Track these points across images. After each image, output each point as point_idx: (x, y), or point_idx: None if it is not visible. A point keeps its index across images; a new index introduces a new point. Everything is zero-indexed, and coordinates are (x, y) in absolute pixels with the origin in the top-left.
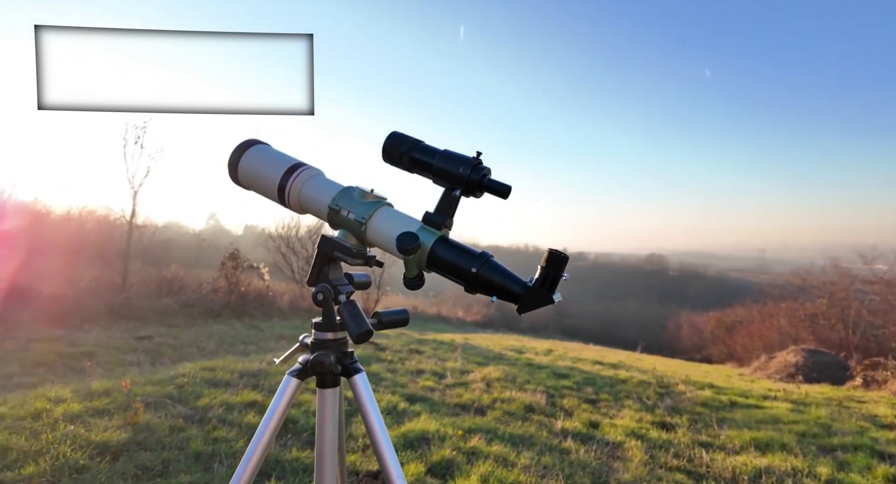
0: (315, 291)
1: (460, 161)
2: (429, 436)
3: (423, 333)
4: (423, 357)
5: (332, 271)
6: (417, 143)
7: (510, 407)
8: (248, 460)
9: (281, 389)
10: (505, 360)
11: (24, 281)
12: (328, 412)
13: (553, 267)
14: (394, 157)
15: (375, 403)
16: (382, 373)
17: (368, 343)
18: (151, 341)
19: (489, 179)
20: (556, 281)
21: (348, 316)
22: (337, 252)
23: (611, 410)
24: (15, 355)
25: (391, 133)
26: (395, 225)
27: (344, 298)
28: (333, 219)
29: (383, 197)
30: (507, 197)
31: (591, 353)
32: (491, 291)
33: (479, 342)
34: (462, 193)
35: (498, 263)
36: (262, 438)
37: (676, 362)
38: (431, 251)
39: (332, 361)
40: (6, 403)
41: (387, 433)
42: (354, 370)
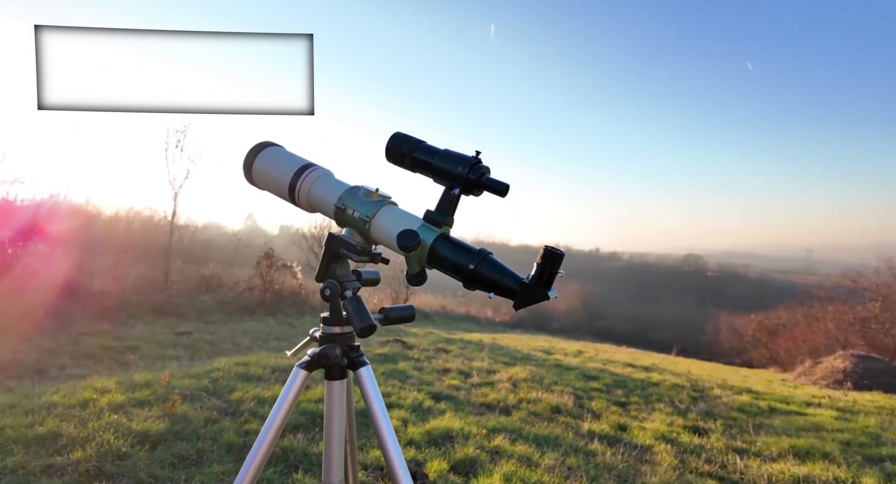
0: (322, 287)
1: (459, 160)
2: (453, 434)
3: (452, 333)
4: (450, 356)
5: (339, 268)
6: (419, 143)
7: (536, 408)
8: (259, 448)
9: (290, 380)
10: (533, 360)
11: (76, 278)
12: (336, 404)
13: (548, 264)
14: (396, 157)
15: (380, 395)
16: (409, 371)
17: (395, 341)
18: (190, 337)
19: (487, 178)
20: (551, 278)
21: (353, 311)
22: (343, 249)
23: (641, 413)
24: (67, 348)
25: (394, 134)
26: (397, 223)
27: (350, 294)
28: (340, 217)
29: (387, 196)
30: (505, 195)
31: (623, 355)
32: (488, 288)
33: (507, 342)
34: (461, 192)
35: (496, 259)
36: (272, 426)
37: (713, 366)
38: (432, 248)
39: (338, 354)
40: (58, 393)
41: (391, 425)
42: (360, 363)
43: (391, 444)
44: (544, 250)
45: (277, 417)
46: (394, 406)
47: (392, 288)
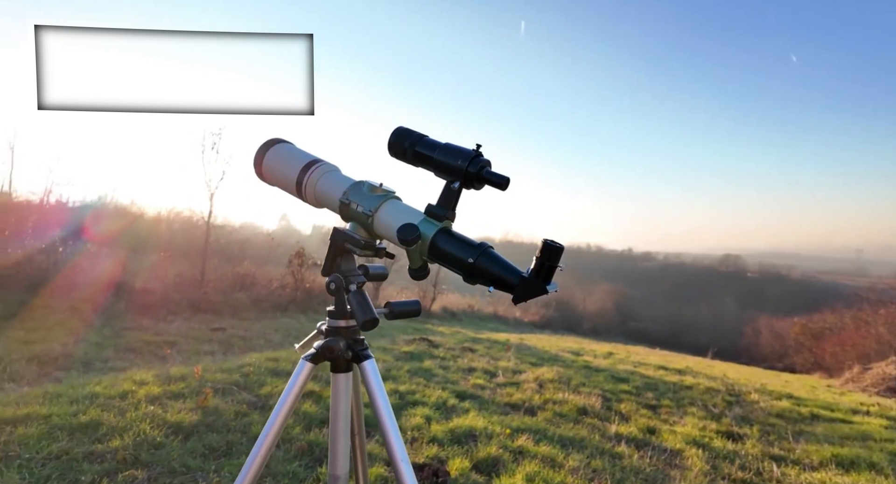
0: (328, 281)
1: (459, 154)
2: (476, 433)
3: (479, 332)
4: (475, 355)
5: (345, 262)
6: (421, 137)
7: (562, 409)
8: (265, 438)
9: (296, 372)
10: (560, 361)
11: (121, 276)
12: (341, 396)
13: (548, 257)
14: (398, 152)
15: (384, 388)
16: (434, 369)
17: (422, 339)
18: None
19: (487, 171)
20: (551, 271)
21: (356, 304)
22: (347, 244)
23: (672, 416)
24: (111, 341)
25: (396, 128)
26: (398, 217)
27: (354, 288)
28: (344, 212)
29: (391, 190)
30: (505, 188)
31: (655, 357)
32: (488, 281)
33: (535, 343)
34: (462, 186)
35: (496, 253)
36: (279, 417)
37: (752, 370)
38: (433, 242)
39: (342, 347)
40: (100, 384)
41: (394, 419)
42: (364, 357)
43: (394, 437)
44: (543, 244)
45: (283, 407)
46: (418, 403)
47: (420, 287)
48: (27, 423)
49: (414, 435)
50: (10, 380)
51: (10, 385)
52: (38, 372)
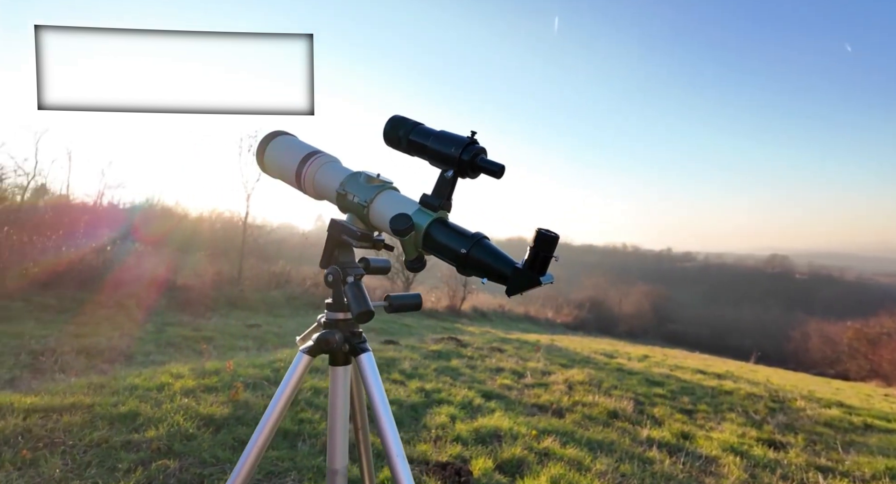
0: (326, 273)
1: (452, 141)
2: (501, 433)
3: (508, 332)
4: (504, 356)
5: (343, 254)
6: (416, 125)
7: (591, 411)
8: (262, 429)
9: (293, 364)
10: (592, 363)
11: (164, 274)
12: (339, 389)
13: (541, 247)
14: (394, 141)
15: (380, 382)
16: (461, 368)
17: (450, 339)
18: (259, 329)
19: (482, 159)
20: (545, 262)
21: (352, 296)
22: (344, 235)
23: (709, 422)
24: (152, 336)
25: (392, 117)
26: (393, 207)
27: (352, 280)
28: (341, 203)
29: (389, 181)
30: (500, 176)
31: (694, 361)
32: (481, 273)
33: (566, 344)
34: (456, 174)
35: (490, 244)
36: (276, 408)
37: (799, 376)
38: (427, 233)
39: (338, 340)
40: (140, 376)
41: (391, 413)
42: (361, 350)
43: (390, 433)
44: (536, 233)
45: (281, 399)
46: (443, 402)
47: (450, 286)
48: (72, 411)
49: (438, 433)
50: (60, 370)
51: (61, 375)
52: (86, 364)
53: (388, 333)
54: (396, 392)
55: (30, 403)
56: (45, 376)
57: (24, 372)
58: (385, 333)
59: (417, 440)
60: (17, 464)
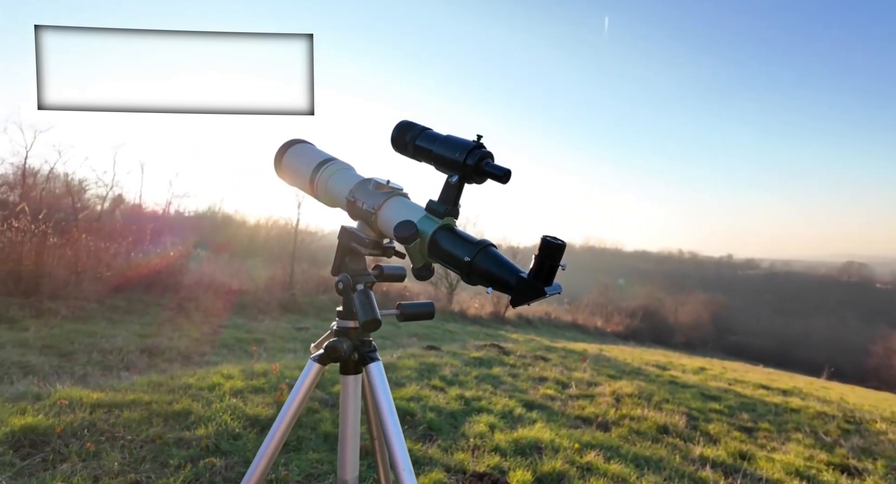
0: (336, 281)
1: (457, 146)
2: (542, 445)
3: (554, 341)
4: (548, 365)
5: (354, 262)
6: (423, 130)
7: (640, 426)
8: (272, 437)
9: (304, 373)
10: (642, 375)
11: (221, 278)
12: (350, 398)
13: (547, 256)
14: (401, 146)
15: (389, 392)
16: (503, 376)
17: (493, 346)
18: (308, 332)
19: (487, 163)
20: (551, 271)
21: (359, 305)
22: (353, 243)
23: (771, 442)
24: (208, 338)
25: (399, 121)
26: (399, 214)
27: (361, 287)
28: (351, 210)
29: (399, 187)
30: (506, 181)
31: (757, 375)
32: (486, 282)
33: (616, 354)
34: (461, 180)
35: (496, 252)
36: (286, 417)
37: (881, 396)
38: (432, 240)
39: (345, 348)
40: (194, 376)
41: (398, 423)
42: (370, 359)
43: (398, 444)
44: (542, 241)
45: (291, 407)
46: (483, 411)
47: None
48: (132, 408)
49: (476, 443)
50: (125, 368)
51: (125, 373)
52: (148, 362)
53: (430, 338)
54: (436, 399)
55: (96, 398)
56: (112, 373)
57: (94, 369)
58: (427, 338)
59: (455, 449)
60: (81, 456)
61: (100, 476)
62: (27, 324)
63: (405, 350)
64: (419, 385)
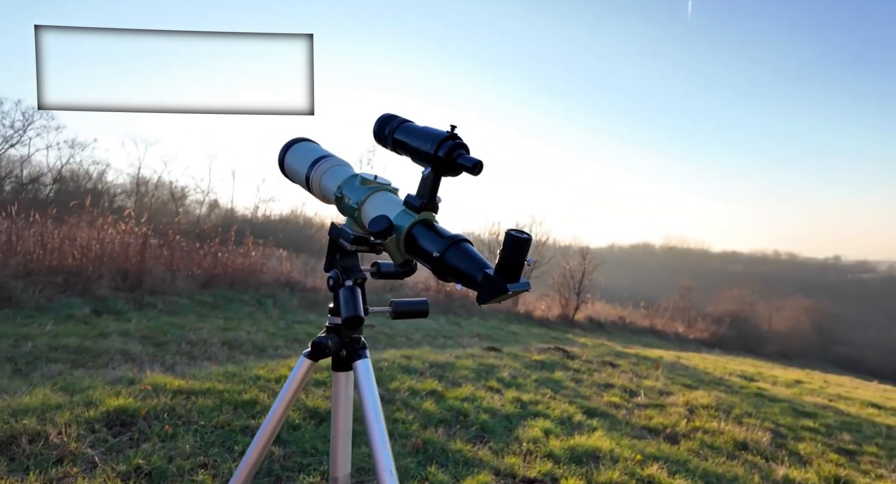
0: (328, 277)
1: (429, 137)
2: (600, 454)
3: (627, 346)
4: (616, 371)
5: (344, 258)
6: (403, 122)
7: (714, 440)
8: (264, 429)
9: (295, 368)
10: (724, 385)
11: (298, 277)
12: (341, 395)
13: (511, 251)
14: (381, 139)
15: (375, 390)
16: (565, 381)
17: (557, 349)
18: (372, 329)
19: (458, 155)
20: (516, 267)
21: (343, 301)
22: (341, 239)
23: (878, 468)
24: (283, 332)
25: (381, 115)
26: (379, 209)
27: (350, 283)
28: (339, 206)
29: (386, 182)
30: (477, 173)
31: (867, 392)
32: (456, 278)
33: (696, 363)
34: (434, 172)
35: (468, 247)
36: (276, 411)
37: None
38: (408, 235)
39: (331, 345)
40: (265, 368)
41: (383, 424)
42: (357, 356)
43: (381, 445)
44: (506, 235)
45: (281, 403)
46: (539, 415)
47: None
48: (207, 395)
49: (529, 447)
50: (206, 359)
51: (206, 363)
52: (228, 354)
53: (492, 339)
54: (491, 400)
55: (178, 385)
56: (196, 363)
57: (182, 358)
58: (490, 339)
59: (507, 452)
60: (161, 437)
61: (174, 457)
62: (130, 316)
63: (465, 350)
64: (475, 386)
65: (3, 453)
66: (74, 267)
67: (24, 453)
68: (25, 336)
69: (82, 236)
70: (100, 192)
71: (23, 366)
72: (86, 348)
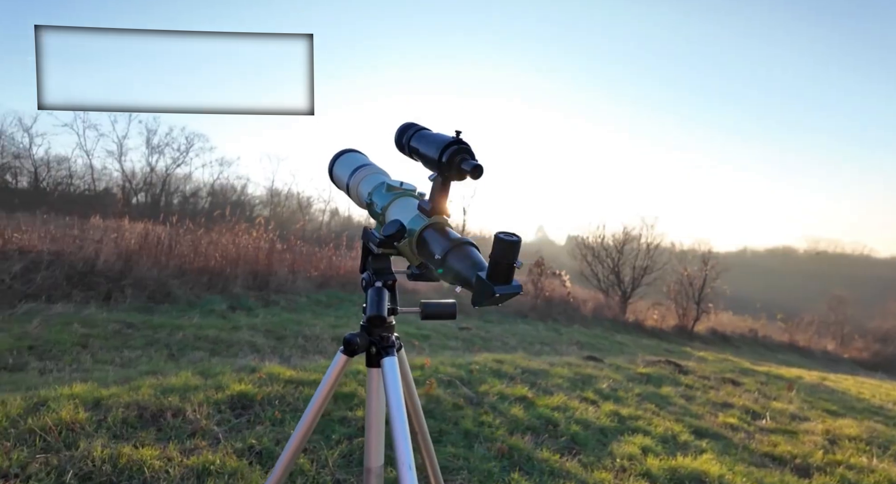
0: (361, 278)
1: (435, 143)
2: (706, 480)
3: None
4: (739, 390)
5: (376, 261)
6: (418, 130)
7: (859, 478)
8: (302, 423)
9: (332, 364)
10: (881, 415)
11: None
12: (374, 390)
13: (500, 254)
14: (400, 147)
15: (400, 388)
16: (673, 397)
17: (667, 362)
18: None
19: (462, 159)
20: (506, 270)
21: (369, 301)
22: (370, 242)
23: None
24: None
25: (402, 123)
26: (397, 213)
27: (379, 285)
28: (369, 211)
29: (411, 188)
30: (477, 177)
31: None
32: (456, 280)
33: (847, 386)
34: (441, 177)
35: (471, 250)
36: (313, 407)
37: None
38: (419, 238)
39: (359, 342)
40: None
41: (405, 422)
42: (385, 353)
43: (402, 440)
44: (495, 238)
45: (319, 397)
46: (638, 431)
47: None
48: (313, 386)
49: (623, 464)
50: (317, 352)
51: (316, 356)
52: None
53: (594, 348)
54: (584, 411)
55: (289, 375)
56: (308, 356)
57: (297, 351)
58: (590, 348)
59: (598, 467)
60: (272, 421)
61: (280, 440)
62: (258, 312)
63: (561, 358)
64: (568, 395)
65: (153, 424)
66: (216, 268)
67: (169, 425)
68: (178, 327)
69: (223, 242)
70: (241, 203)
71: (175, 352)
72: (222, 339)
